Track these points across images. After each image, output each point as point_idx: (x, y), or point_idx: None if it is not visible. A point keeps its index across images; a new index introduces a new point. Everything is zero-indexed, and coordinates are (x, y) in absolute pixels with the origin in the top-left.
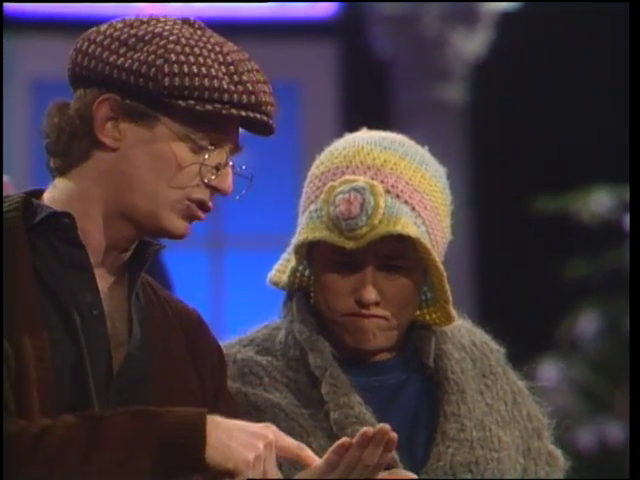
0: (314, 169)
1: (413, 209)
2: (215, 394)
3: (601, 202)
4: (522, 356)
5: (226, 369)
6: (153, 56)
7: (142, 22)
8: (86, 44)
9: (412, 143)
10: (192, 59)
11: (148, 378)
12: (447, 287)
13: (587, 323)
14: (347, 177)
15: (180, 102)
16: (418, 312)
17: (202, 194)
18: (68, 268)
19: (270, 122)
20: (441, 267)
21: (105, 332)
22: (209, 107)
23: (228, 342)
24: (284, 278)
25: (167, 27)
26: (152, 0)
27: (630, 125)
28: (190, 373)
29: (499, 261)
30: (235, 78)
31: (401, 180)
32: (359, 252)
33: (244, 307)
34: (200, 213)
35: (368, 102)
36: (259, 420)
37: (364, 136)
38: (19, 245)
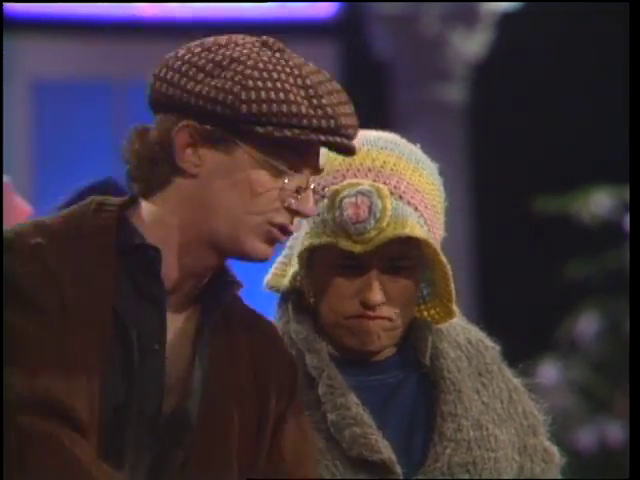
0: None
1: (416, 209)
2: (281, 416)
3: (601, 203)
4: (522, 356)
5: (298, 384)
6: (230, 83)
7: (220, 46)
8: (164, 70)
9: (404, 141)
10: (270, 84)
11: (196, 424)
12: (452, 285)
13: (587, 323)
14: (350, 181)
15: (258, 128)
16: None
17: (283, 218)
18: (142, 299)
19: (350, 145)
20: (448, 266)
21: (162, 367)
22: (288, 133)
23: None
24: (284, 282)
25: (245, 51)
26: (152, 0)
27: (630, 125)
28: (248, 406)
29: (499, 261)
30: (314, 102)
31: (403, 181)
32: (364, 255)
33: None
34: (282, 236)
35: (368, 102)
36: None
37: (358, 137)
38: (106, 267)
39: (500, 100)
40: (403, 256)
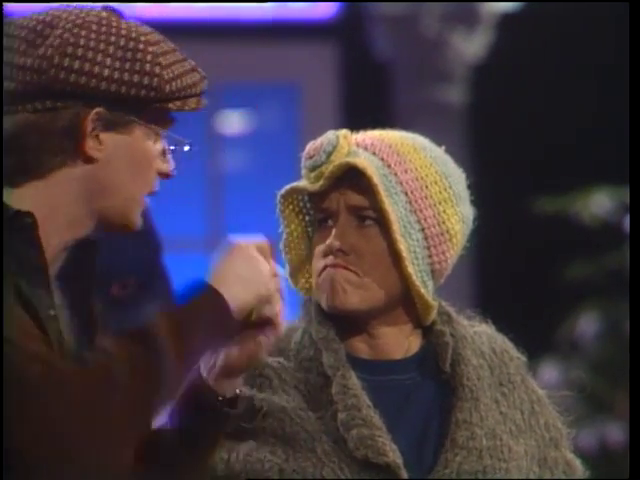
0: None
1: (389, 167)
2: None
3: (601, 204)
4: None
5: None
6: (147, 64)
7: (102, 24)
8: (57, 57)
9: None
10: (174, 57)
11: None
12: (402, 247)
13: (587, 324)
14: None
15: (171, 105)
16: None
17: (156, 184)
18: (24, 268)
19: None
20: (397, 224)
21: (61, 332)
22: (191, 104)
23: None
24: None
25: (130, 27)
26: (152, 0)
27: (630, 126)
28: None
29: (499, 262)
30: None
31: (384, 144)
32: (331, 205)
33: None
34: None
35: (368, 103)
36: (264, 424)
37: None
38: None
39: (500, 101)
40: (368, 207)
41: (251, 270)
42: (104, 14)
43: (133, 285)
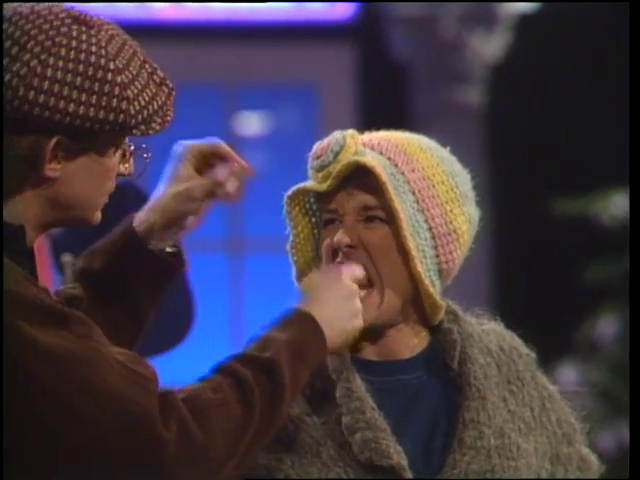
0: None
1: (396, 166)
2: None
3: (620, 205)
4: (542, 359)
5: None
6: (114, 98)
7: (65, 47)
8: (24, 89)
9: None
10: (139, 86)
11: None
12: (411, 246)
13: (607, 326)
14: None
15: (136, 131)
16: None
17: (114, 184)
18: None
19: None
20: (405, 222)
21: None
22: (155, 127)
23: None
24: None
25: (100, 50)
26: (170, 0)
27: (630, 125)
28: None
29: (518, 263)
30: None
31: (391, 144)
32: (339, 205)
33: (265, 310)
34: None
35: (386, 104)
36: None
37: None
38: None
39: (519, 102)
40: (377, 206)
41: (349, 315)
42: (74, 31)
43: None
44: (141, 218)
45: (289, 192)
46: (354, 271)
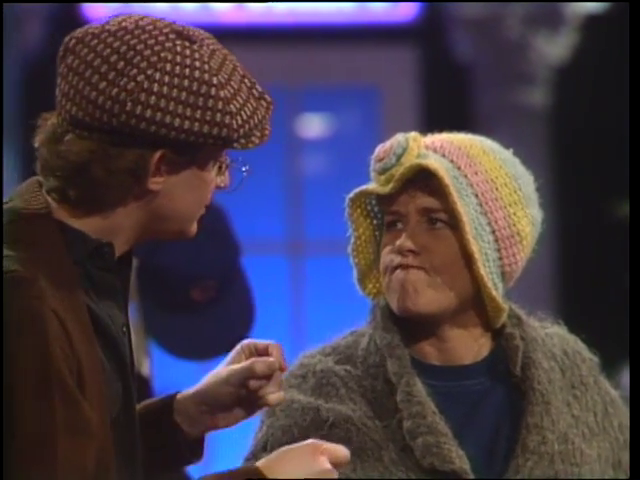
0: None
1: (459, 168)
2: None
3: None
4: (604, 364)
5: None
6: (218, 113)
7: (170, 62)
8: (131, 104)
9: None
10: (241, 100)
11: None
12: (474, 249)
13: None
14: None
15: (236, 145)
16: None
17: (211, 196)
18: (102, 294)
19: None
20: (469, 225)
21: (131, 347)
22: (255, 141)
23: (310, 351)
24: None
25: (209, 67)
26: (234, 0)
27: (630, 126)
28: None
29: (581, 266)
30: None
31: (454, 147)
32: (401, 207)
33: (325, 313)
34: None
35: (449, 106)
36: (331, 435)
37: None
38: (72, 281)
39: (583, 103)
40: (439, 209)
41: None
42: (178, 47)
43: (213, 288)
44: (183, 395)
45: (351, 194)
46: (336, 452)
